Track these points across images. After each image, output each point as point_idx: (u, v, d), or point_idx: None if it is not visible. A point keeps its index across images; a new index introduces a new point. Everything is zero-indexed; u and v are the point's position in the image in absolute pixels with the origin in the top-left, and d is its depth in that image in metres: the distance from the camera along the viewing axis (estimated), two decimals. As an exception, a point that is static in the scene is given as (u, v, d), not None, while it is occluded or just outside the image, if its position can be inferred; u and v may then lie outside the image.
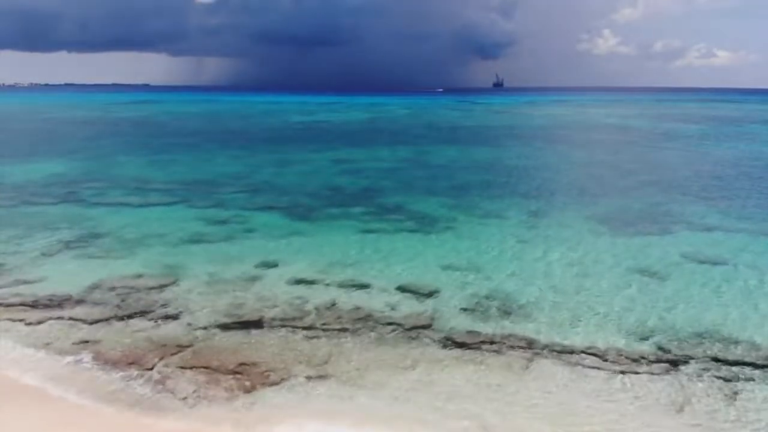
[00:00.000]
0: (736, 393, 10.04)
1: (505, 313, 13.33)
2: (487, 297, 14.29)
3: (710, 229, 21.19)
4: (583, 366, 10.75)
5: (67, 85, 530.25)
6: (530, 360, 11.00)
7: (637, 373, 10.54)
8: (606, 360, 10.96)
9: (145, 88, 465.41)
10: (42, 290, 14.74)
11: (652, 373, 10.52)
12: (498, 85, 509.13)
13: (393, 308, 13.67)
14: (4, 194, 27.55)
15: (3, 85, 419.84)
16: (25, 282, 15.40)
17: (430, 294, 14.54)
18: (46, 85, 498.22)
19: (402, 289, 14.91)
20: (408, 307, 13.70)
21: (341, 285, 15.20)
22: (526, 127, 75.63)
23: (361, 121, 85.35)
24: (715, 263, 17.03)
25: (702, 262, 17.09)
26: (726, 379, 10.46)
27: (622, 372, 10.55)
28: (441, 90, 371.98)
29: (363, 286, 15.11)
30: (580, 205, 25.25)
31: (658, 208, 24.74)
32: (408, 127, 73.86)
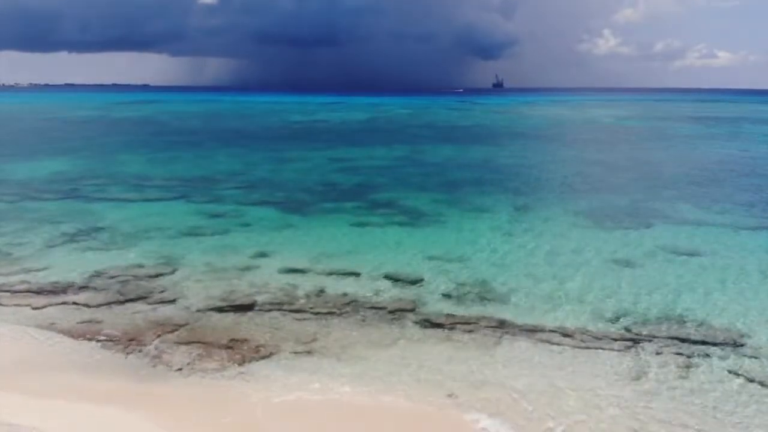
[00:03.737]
0: (690, 367, 10.84)
1: (483, 298, 14.16)
2: (467, 284, 15.12)
3: (689, 223, 22.01)
4: (550, 343, 11.58)
5: (67, 85, 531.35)
6: (501, 338, 11.83)
7: (599, 349, 11.37)
8: (572, 338, 11.80)
9: (145, 88, 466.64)
10: (47, 278, 15.57)
11: (614, 350, 11.34)
12: (498, 86, 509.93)
13: (378, 294, 14.50)
14: (9, 191, 28.41)
15: (3, 85, 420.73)
16: (31, 271, 16.21)
17: (414, 281, 15.37)
18: (46, 85, 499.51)
19: (388, 277, 15.73)
20: (392, 293, 14.53)
21: (331, 273, 16.02)
22: (522, 126, 76.43)
23: (360, 120, 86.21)
24: (688, 254, 17.84)
25: (676, 253, 17.90)
26: (683, 355, 11.27)
27: (586, 348, 11.38)
28: (461, 90, 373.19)
29: (352, 274, 15.93)
30: (566, 201, 26.09)
31: (641, 204, 25.55)
32: (406, 127, 74.74)
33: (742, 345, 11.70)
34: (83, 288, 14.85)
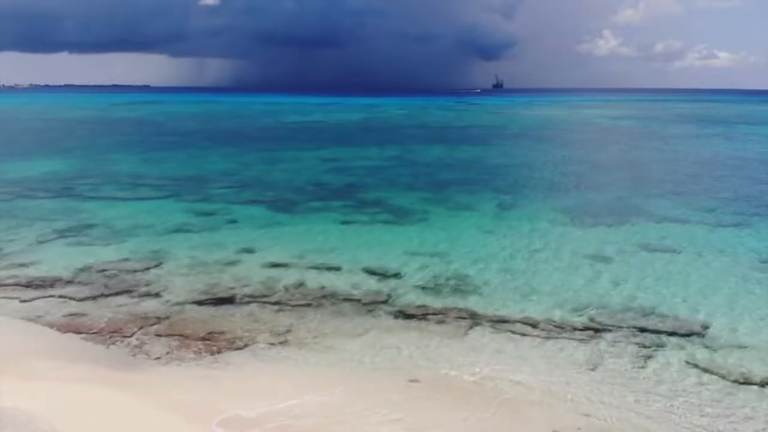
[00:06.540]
0: (649, 357, 11.29)
1: (457, 291, 14.63)
2: (443, 278, 15.59)
3: (668, 220, 22.46)
4: (514, 333, 12.06)
5: (67, 86, 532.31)
6: (469, 328, 12.31)
7: (561, 338, 11.84)
8: (536, 328, 12.27)
9: (146, 89, 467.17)
10: (35, 273, 16.01)
11: (575, 339, 11.81)
12: (498, 86, 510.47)
13: (356, 287, 14.96)
14: (3, 189, 28.87)
15: (3, 86, 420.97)
16: (21, 266, 16.65)
17: (392, 275, 15.84)
18: (47, 86, 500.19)
19: (368, 271, 16.18)
20: (370, 286, 15.00)
21: (312, 268, 16.47)
22: (516, 127, 76.93)
23: (356, 121, 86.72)
24: (662, 250, 18.29)
25: (651, 250, 18.36)
26: (643, 346, 11.72)
27: (548, 338, 11.85)
28: (479, 90, 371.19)
29: (332, 269, 16.38)
30: (549, 199, 26.57)
31: (623, 202, 26.02)
32: (401, 127, 75.21)
33: (700, 336, 12.15)
34: (70, 282, 15.31)
